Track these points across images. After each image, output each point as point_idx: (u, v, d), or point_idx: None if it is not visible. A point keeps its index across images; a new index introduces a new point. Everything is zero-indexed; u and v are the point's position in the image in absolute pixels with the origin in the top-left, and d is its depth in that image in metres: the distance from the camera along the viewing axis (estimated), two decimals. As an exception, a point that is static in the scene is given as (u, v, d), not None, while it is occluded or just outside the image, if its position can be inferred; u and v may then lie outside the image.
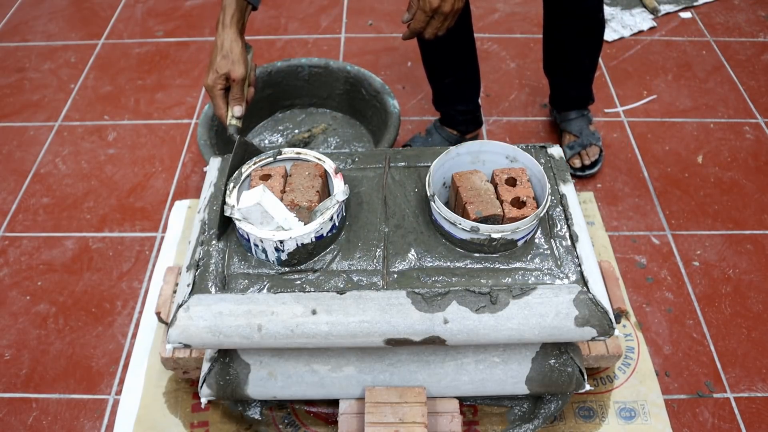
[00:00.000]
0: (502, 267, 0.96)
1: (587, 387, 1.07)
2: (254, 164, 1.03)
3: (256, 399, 1.10)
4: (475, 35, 1.53)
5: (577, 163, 1.61)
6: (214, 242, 1.00)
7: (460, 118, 1.62)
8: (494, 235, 0.93)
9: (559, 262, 0.96)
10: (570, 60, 1.53)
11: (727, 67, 1.96)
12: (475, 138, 1.70)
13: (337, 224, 0.98)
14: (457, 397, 1.09)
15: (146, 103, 1.88)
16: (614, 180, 1.63)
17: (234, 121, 1.08)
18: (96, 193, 1.62)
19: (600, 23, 1.45)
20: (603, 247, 1.47)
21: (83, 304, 1.39)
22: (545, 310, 0.92)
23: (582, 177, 1.62)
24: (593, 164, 1.61)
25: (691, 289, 1.39)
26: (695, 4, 2.19)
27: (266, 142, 1.70)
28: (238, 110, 1.09)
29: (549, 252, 0.98)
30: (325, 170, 1.02)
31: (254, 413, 1.16)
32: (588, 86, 1.62)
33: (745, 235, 1.50)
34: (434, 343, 0.94)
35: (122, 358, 1.30)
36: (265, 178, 1.01)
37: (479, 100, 1.65)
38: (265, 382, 1.06)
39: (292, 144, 1.68)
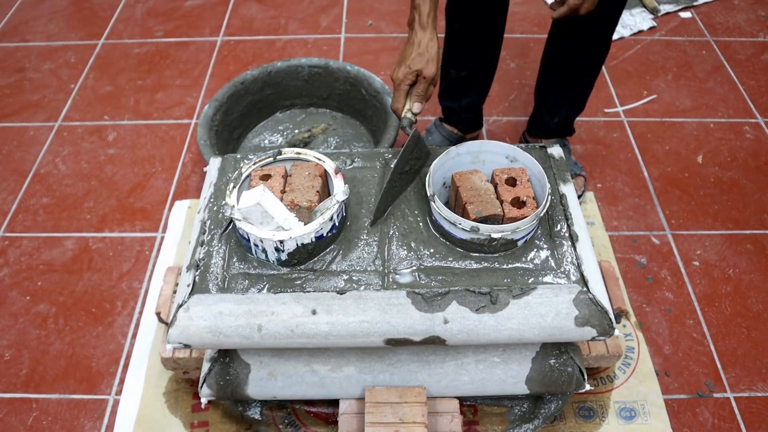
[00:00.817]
0: (502, 267, 0.96)
1: (587, 387, 1.07)
2: (254, 164, 1.03)
3: (256, 399, 1.10)
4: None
5: None
6: (214, 242, 1.00)
7: (462, 115, 1.61)
8: (494, 235, 0.93)
9: (559, 262, 0.96)
10: (569, 73, 1.43)
11: (727, 67, 1.96)
12: (475, 138, 1.69)
13: (337, 224, 0.98)
14: (457, 397, 1.09)
15: (146, 103, 1.88)
16: (614, 180, 1.63)
17: (410, 115, 1.08)
18: (96, 193, 1.62)
19: (608, 46, 1.37)
20: (603, 247, 1.47)
21: (83, 304, 1.39)
22: (545, 310, 0.92)
23: None
24: (579, 196, 1.56)
25: (691, 289, 1.39)
26: (695, 4, 2.19)
27: (266, 142, 1.70)
28: (417, 107, 1.08)
29: (549, 252, 0.98)
30: (325, 170, 1.02)
31: (254, 413, 1.16)
32: (577, 111, 1.53)
33: (745, 235, 1.50)
34: (434, 343, 0.94)
35: (122, 358, 1.30)
36: (265, 178, 1.01)
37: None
38: (265, 382, 1.06)
39: (292, 144, 1.68)
